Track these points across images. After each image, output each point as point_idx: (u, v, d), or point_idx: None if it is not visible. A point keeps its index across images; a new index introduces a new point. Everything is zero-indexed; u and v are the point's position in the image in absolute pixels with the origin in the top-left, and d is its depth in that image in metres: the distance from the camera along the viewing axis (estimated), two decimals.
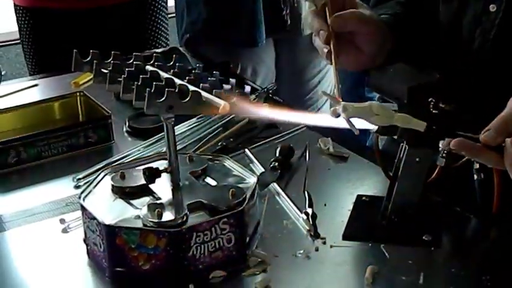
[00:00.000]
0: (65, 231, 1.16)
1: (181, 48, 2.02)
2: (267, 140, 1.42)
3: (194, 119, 1.48)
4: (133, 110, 1.54)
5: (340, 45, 1.14)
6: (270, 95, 1.64)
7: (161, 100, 0.98)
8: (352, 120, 1.01)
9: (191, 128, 1.47)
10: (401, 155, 1.10)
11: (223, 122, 1.48)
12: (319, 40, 1.13)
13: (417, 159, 1.07)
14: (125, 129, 1.51)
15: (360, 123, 1.03)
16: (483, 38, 1.14)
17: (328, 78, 2.28)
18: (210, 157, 1.20)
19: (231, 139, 1.43)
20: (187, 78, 1.06)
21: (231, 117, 1.47)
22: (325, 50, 1.12)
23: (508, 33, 1.11)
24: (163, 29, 2.18)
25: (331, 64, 1.12)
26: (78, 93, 1.56)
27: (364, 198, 1.20)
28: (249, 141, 1.42)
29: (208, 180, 1.13)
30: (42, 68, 2.10)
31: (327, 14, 1.13)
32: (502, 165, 0.95)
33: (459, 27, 1.19)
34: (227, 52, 2.05)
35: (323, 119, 1.10)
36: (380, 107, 1.01)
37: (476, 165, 1.12)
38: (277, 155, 1.32)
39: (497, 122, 0.95)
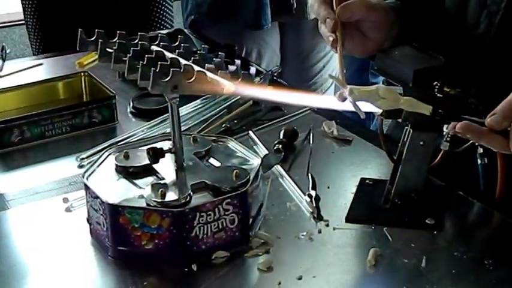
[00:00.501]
0: (68, 210, 1.16)
1: (186, 30, 2.01)
2: (271, 123, 1.42)
3: (198, 101, 1.48)
4: (137, 91, 1.54)
5: (346, 31, 1.14)
6: (275, 78, 1.64)
7: (166, 80, 0.98)
8: (358, 103, 1.01)
9: (195, 110, 1.47)
10: (405, 139, 1.10)
11: (227, 103, 1.48)
12: (325, 28, 1.13)
13: (421, 143, 1.07)
14: (129, 110, 1.51)
15: (365, 107, 1.03)
16: (489, 22, 1.14)
17: (333, 63, 2.28)
18: (214, 138, 1.20)
19: (235, 121, 1.43)
20: (192, 58, 1.06)
21: (235, 99, 1.47)
22: (331, 39, 1.12)
23: None
24: (168, 11, 2.17)
25: (336, 52, 1.12)
26: (82, 73, 1.56)
27: (367, 181, 1.20)
28: (253, 124, 1.42)
29: (212, 161, 1.13)
30: (47, 49, 2.09)
31: (334, 0, 1.12)
32: (507, 149, 0.95)
33: (464, 11, 1.18)
34: (232, 35, 2.04)
35: (328, 101, 1.10)
36: (387, 90, 1.01)
37: (480, 150, 1.12)
38: (281, 137, 1.32)
39: (503, 106, 0.95)
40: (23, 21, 2.19)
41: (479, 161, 1.13)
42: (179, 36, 1.14)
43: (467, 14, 1.18)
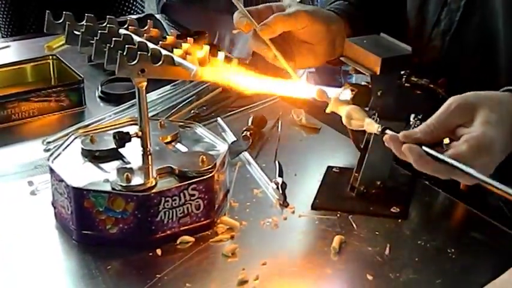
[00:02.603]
0: (33, 193, 1.15)
1: (157, 16, 2.00)
2: (240, 110, 1.42)
3: (167, 87, 1.48)
4: (106, 76, 1.53)
5: (293, 47, 1.16)
6: (245, 65, 1.62)
7: (133, 63, 0.97)
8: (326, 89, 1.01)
9: (164, 96, 1.46)
10: None
11: (196, 90, 1.47)
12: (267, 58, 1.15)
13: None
14: (97, 95, 1.50)
15: (333, 93, 1.03)
16: (449, 19, 1.14)
17: None
18: (182, 124, 1.19)
19: (204, 107, 1.42)
20: (160, 43, 1.06)
21: (204, 85, 1.47)
22: (271, 59, 1.14)
23: (474, 14, 1.11)
24: None
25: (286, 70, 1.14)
26: (51, 57, 1.55)
27: (334, 169, 1.21)
28: (222, 110, 1.42)
29: (179, 146, 1.13)
30: (17, 32, 2.07)
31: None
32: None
33: (425, 9, 1.19)
34: (204, 21, 2.03)
35: (297, 88, 1.11)
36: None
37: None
38: (249, 124, 1.32)
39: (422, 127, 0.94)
40: None
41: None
42: (149, 20, 1.13)
43: (428, 12, 1.18)
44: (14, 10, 2.09)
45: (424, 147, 0.91)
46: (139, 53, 0.98)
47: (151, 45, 1.03)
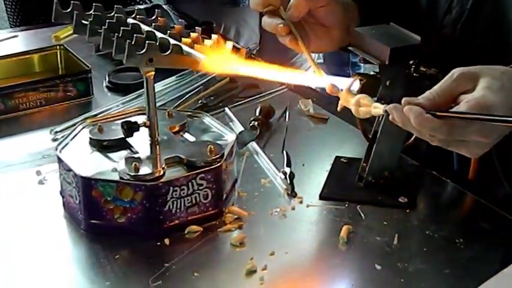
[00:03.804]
0: (41, 183, 1.16)
1: (164, 6, 2.00)
2: (247, 100, 1.42)
3: (175, 77, 1.47)
4: (114, 66, 1.53)
5: (309, 31, 1.14)
6: (252, 56, 1.63)
7: (141, 52, 0.97)
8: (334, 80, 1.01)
9: (172, 86, 1.46)
10: (380, 118, 1.10)
11: (204, 80, 1.47)
12: (280, 35, 1.12)
13: None
14: (104, 85, 1.50)
15: (342, 84, 1.03)
16: (461, 7, 1.14)
17: None
18: (190, 113, 1.19)
19: (212, 97, 1.42)
20: (168, 32, 1.05)
21: (212, 75, 1.47)
22: (287, 40, 1.11)
23: (486, 2, 1.10)
24: None
25: (302, 52, 1.11)
26: (58, 47, 1.54)
27: (342, 159, 1.21)
28: (229, 100, 1.42)
29: (187, 136, 1.13)
30: (24, 22, 2.07)
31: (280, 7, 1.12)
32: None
33: None
34: (211, 11, 2.03)
35: (305, 78, 1.10)
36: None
37: None
38: (257, 114, 1.32)
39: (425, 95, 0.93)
40: None
41: None
42: (156, 10, 1.13)
43: (440, 0, 1.17)
44: (20, 2, 2.09)
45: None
46: (147, 42, 0.97)
47: (159, 35, 1.03)
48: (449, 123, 0.88)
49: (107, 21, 1.04)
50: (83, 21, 1.06)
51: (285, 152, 1.22)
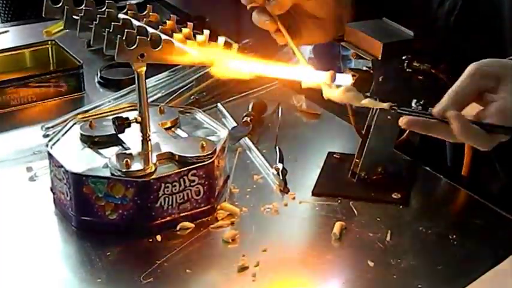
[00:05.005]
0: (31, 179, 1.15)
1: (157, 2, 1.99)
2: (240, 95, 1.41)
3: (167, 73, 1.47)
4: (105, 61, 1.52)
5: (300, 23, 1.13)
6: (246, 52, 1.62)
7: (132, 48, 0.96)
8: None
9: (164, 81, 1.45)
10: (373, 113, 1.10)
11: (196, 76, 1.46)
12: (270, 31, 1.12)
13: (389, 117, 1.07)
14: (96, 80, 1.49)
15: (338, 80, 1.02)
16: (453, 0, 1.13)
17: None
18: (181, 109, 1.19)
19: (204, 93, 1.41)
20: (160, 28, 1.05)
21: (204, 71, 1.46)
22: (276, 36, 1.10)
23: None
24: None
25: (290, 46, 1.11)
26: (49, 42, 1.54)
27: (335, 155, 1.20)
28: (222, 96, 1.41)
29: (179, 132, 1.12)
30: (16, 17, 2.06)
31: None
32: (456, 138, 0.93)
33: None
34: (204, 7, 2.02)
35: (298, 73, 1.09)
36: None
37: None
38: (249, 110, 1.31)
39: (449, 94, 0.93)
40: None
41: None
42: (148, 5, 1.12)
43: None
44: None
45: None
46: (138, 37, 0.96)
47: (150, 30, 1.02)
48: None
49: (98, 16, 1.03)
50: (74, 17, 1.05)
51: (277, 148, 1.21)
